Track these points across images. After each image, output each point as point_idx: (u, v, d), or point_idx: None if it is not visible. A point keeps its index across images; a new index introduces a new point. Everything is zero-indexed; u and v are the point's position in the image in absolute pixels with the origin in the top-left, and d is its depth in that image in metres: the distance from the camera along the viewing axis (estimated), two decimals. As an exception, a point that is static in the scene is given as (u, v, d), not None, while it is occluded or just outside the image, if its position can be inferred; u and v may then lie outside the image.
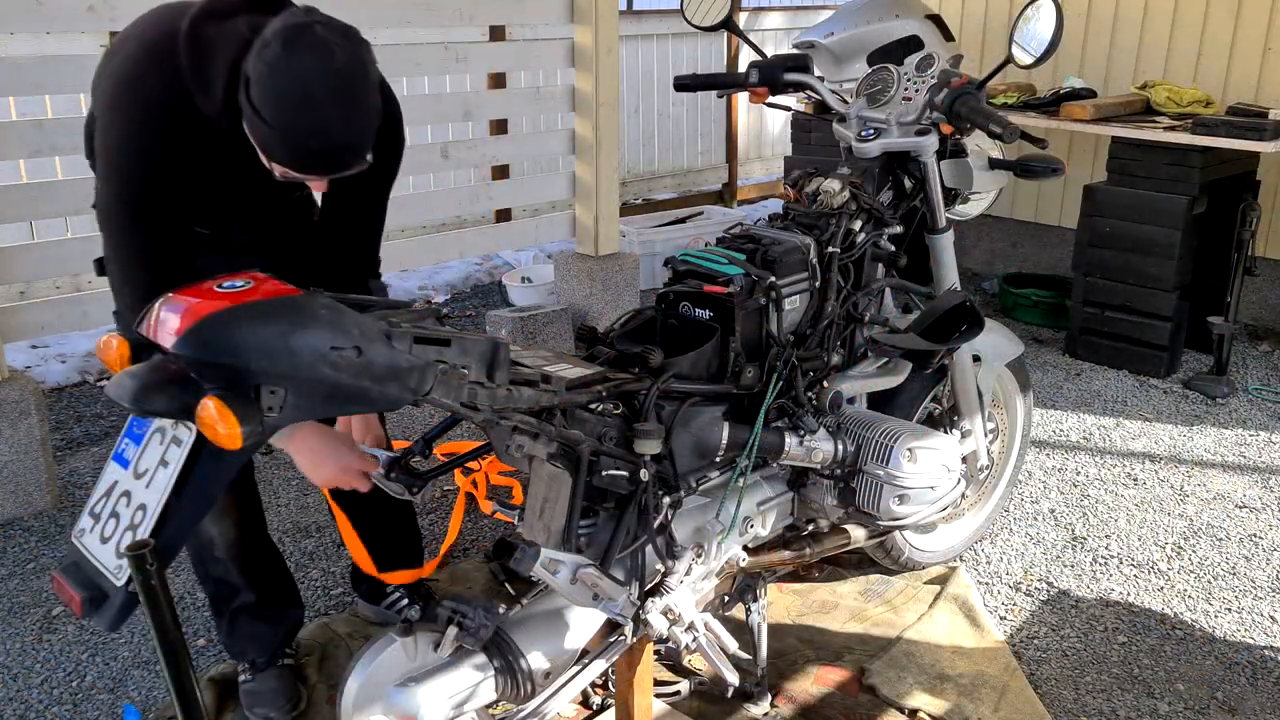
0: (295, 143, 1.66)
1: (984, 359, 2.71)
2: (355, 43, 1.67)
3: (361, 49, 1.68)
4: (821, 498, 2.31)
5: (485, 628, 1.74)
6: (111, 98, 1.82)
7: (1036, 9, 2.35)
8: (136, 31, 1.86)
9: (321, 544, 3.07)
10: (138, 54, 1.81)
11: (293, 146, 1.66)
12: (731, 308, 2.11)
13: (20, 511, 3.20)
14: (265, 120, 1.64)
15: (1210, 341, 4.29)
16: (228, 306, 1.40)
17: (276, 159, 1.70)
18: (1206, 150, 4.12)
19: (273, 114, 1.63)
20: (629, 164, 6.85)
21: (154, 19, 1.85)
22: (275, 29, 1.64)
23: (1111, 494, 3.41)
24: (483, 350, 1.61)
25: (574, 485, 1.76)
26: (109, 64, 1.87)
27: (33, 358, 4.36)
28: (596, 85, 4.33)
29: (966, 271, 5.52)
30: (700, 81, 2.71)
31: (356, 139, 1.70)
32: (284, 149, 1.67)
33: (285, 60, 1.61)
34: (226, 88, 1.73)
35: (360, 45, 1.68)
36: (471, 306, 5.41)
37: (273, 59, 1.61)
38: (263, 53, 1.63)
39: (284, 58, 1.61)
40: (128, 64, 1.81)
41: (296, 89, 1.61)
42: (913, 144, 2.41)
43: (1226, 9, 4.77)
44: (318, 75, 1.61)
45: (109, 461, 1.54)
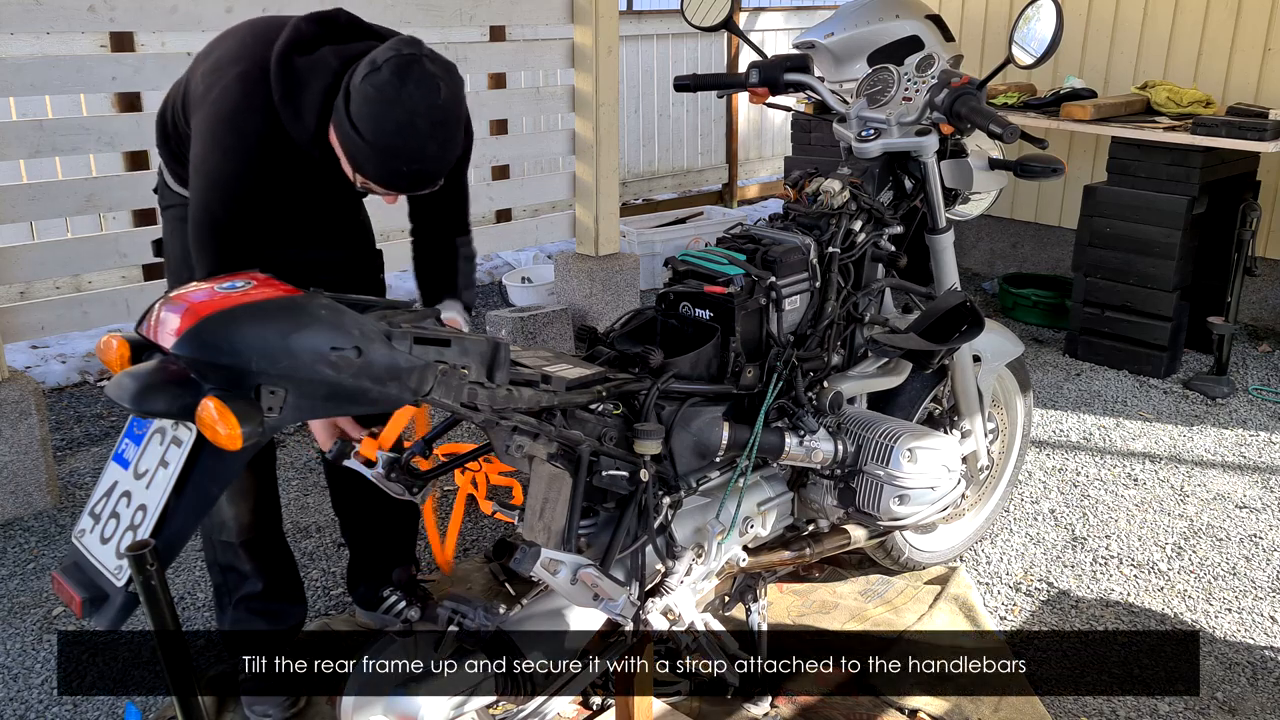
0: (389, 164, 1.80)
1: (984, 359, 2.71)
2: (457, 81, 1.82)
3: (459, 87, 1.83)
4: (821, 498, 2.31)
5: (485, 628, 1.74)
6: (211, 125, 1.94)
7: (1036, 9, 2.35)
8: (228, 60, 1.96)
9: (321, 544, 3.07)
10: (234, 88, 1.92)
11: (386, 166, 1.81)
12: (732, 308, 2.11)
13: (20, 511, 3.20)
14: (363, 137, 1.77)
15: (1210, 341, 4.29)
16: (228, 307, 1.40)
17: (365, 173, 1.83)
18: (1206, 150, 4.12)
19: (373, 134, 1.76)
20: (629, 164, 6.85)
21: (246, 47, 1.96)
22: (387, 57, 1.76)
23: (1111, 494, 3.41)
24: (483, 350, 1.62)
25: (574, 485, 1.76)
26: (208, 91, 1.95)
27: (33, 358, 4.36)
28: (596, 85, 4.33)
29: (966, 271, 5.52)
30: (700, 81, 2.71)
31: (444, 167, 1.86)
32: (376, 167, 1.81)
33: (396, 89, 1.74)
34: (319, 117, 1.85)
35: (459, 84, 1.83)
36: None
37: (382, 84, 1.74)
38: (372, 76, 1.75)
39: (395, 85, 1.73)
40: (227, 97, 1.92)
41: (404, 117, 1.74)
42: (913, 144, 2.41)
43: (1226, 9, 4.77)
44: (424, 108, 1.75)
45: (109, 462, 1.54)
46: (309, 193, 2.05)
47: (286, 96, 1.87)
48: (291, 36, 1.89)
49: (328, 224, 2.21)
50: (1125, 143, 4.30)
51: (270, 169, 1.95)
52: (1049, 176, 2.42)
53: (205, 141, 1.95)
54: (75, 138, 3.33)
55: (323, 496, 3.32)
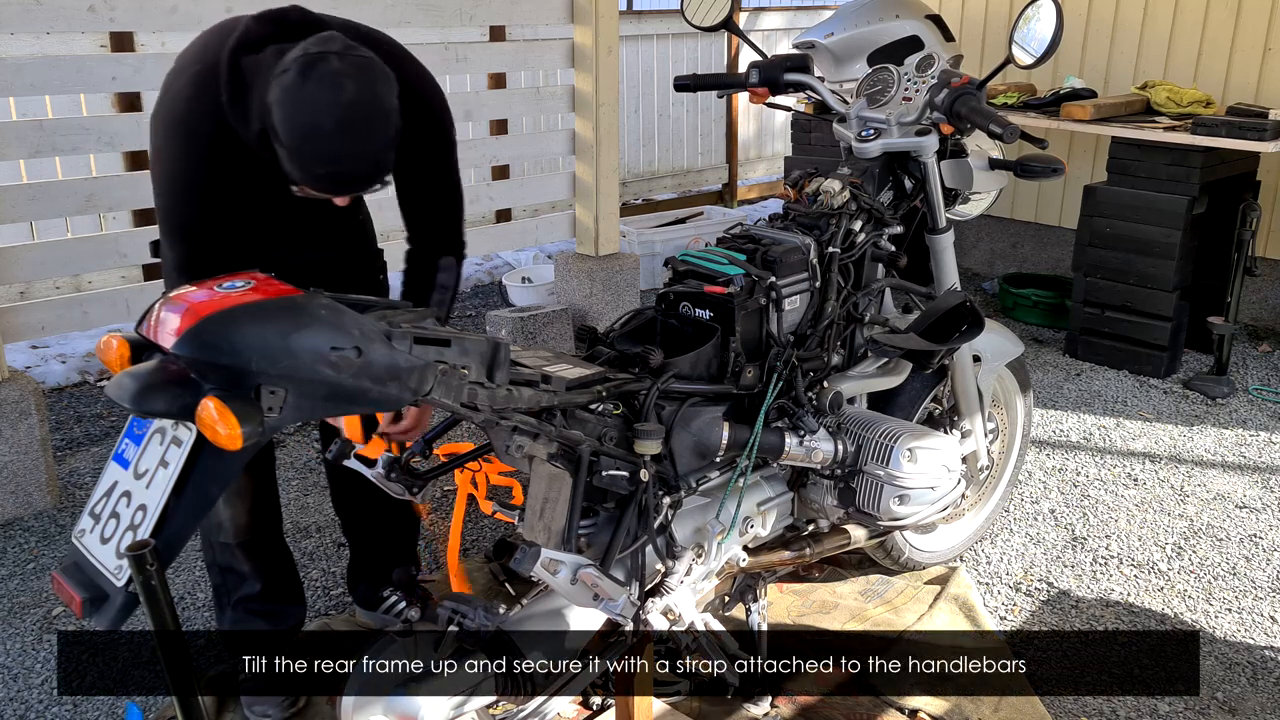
0: (304, 165, 1.76)
1: (984, 359, 2.71)
2: (371, 76, 1.74)
3: (376, 83, 1.75)
4: (821, 498, 2.31)
5: (485, 628, 1.74)
6: (166, 126, 1.94)
7: (1036, 9, 2.35)
8: (189, 60, 1.96)
9: (321, 544, 3.07)
10: (187, 89, 1.91)
11: (303, 169, 1.77)
12: (732, 308, 2.11)
13: (20, 511, 3.20)
14: (280, 140, 1.73)
15: (1210, 341, 4.29)
16: (228, 307, 1.40)
17: (291, 178, 1.81)
18: (1206, 150, 4.12)
19: (285, 135, 1.72)
20: (629, 164, 6.85)
21: (202, 47, 1.95)
22: (294, 55, 1.72)
23: (1111, 494, 3.41)
24: (483, 350, 1.62)
25: (574, 485, 1.76)
26: (167, 91, 1.97)
27: (33, 358, 4.36)
28: (596, 85, 4.33)
29: (966, 271, 5.52)
30: (700, 82, 2.71)
31: (364, 169, 1.78)
32: (295, 168, 1.77)
33: (298, 88, 1.69)
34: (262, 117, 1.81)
35: (376, 79, 1.75)
36: (471, 306, 5.42)
37: (287, 85, 1.70)
38: (280, 78, 1.71)
39: (297, 85, 1.69)
40: (179, 99, 1.92)
41: (308, 118, 1.70)
42: (913, 144, 2.41)
43: (1226, 9, 4.77)
44: (326, 107, 1.69)
45: (109, 462, 1.54)
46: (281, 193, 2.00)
47: (233, 98, 1.85)
48: (240, 37, 1.87)
49: (316, 224, 2.18)
50: (1125, 143, 4.30)
51: (227, 169, 1.93)
52: (1049, 176, 2.43)
53: (158, 140, 1.96)
54: (75, 138, 3.33)
55: (323, 496, 3.32)
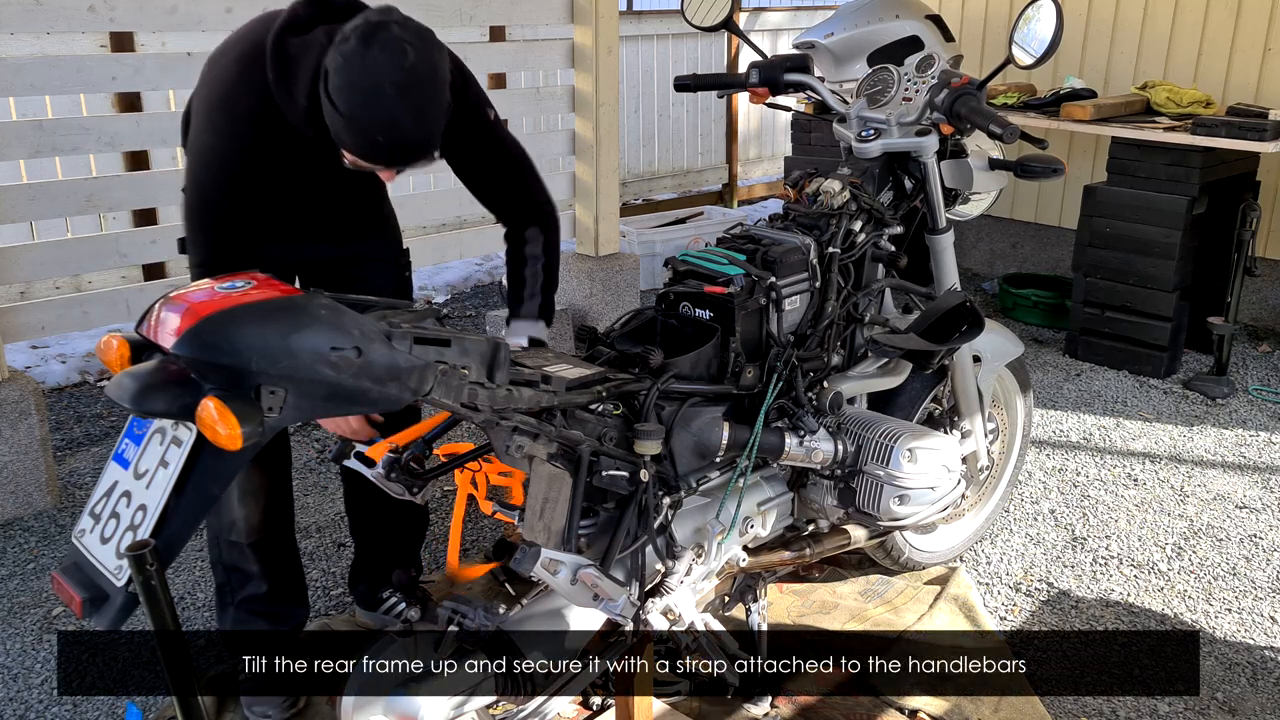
0: (363, 133, 1.76)
1: (984, 359, 2.71)
2: (430, 45, 1.77)
3: (435, 51, 1.78)
4: (821, 498, 2.31)
5: (485, 628, 1.74)
6: (207, 107, 1.96)
7: (1036, 9, 2.35)
8: (233, 42, 1.98)
9: (321, 544, 3.07)
10: (231, 69, 1.93)
11: (360, 137, 1.76)
12: (732, 308, 2.11)
13: (20, 511, 3.20)
14: (337, 109, 1.74)
15: (1210, 342, 4.29)
16: (228, 307, 1.40)
17: (346, 147, 1.80)
18: (1206, 150, 4.12)
19: (344, 104, 1.73)
20: (629, 164, 6.85)
21: (249, 31, 1.97)
22: (355, 24, 1.74)
23: (1111, 494, 3.41)
24: (483, 350, 1.62)
25: (574, 485, 1.76)
26: (210, 71, 1.98)
27: (33, 358, 4.36)
28: (596, 85, 4.33)
29: (966, 271, 5.52)
30: (700, 82, 2.71)
31: (423, 137, 1.80)
32: (352, 138, 1.77)
33: (360, 55, 1.71)
34: (309, 95, 1.83)
35: (434, 48, 1.78)
36: (471, 306, 5.42)
37: (349, 52, 1.71)
38: (341, 46, 1.73)
39: (359, 52, 1.71)
40: (223, 79, 1.94)
41: (368, 82, 1.71)
42: (913, 144, 2.41)
43: (1226, 9, 4.77)
44: (389, 72, 1.71)
45: (109, 462, 1.54)
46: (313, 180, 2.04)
47: (280, 77, 1.87)
48: (287, 19, 1.90)
49: (339, 218, 2.20)
50: (1125, 143, 4.30)
51: (265, 151, 1.95)
52: (1049, 177, 2.43)
53: (200, 122, 1.98)
54: (75, 138, 3.33)
55: (323, 496, 3.33)
